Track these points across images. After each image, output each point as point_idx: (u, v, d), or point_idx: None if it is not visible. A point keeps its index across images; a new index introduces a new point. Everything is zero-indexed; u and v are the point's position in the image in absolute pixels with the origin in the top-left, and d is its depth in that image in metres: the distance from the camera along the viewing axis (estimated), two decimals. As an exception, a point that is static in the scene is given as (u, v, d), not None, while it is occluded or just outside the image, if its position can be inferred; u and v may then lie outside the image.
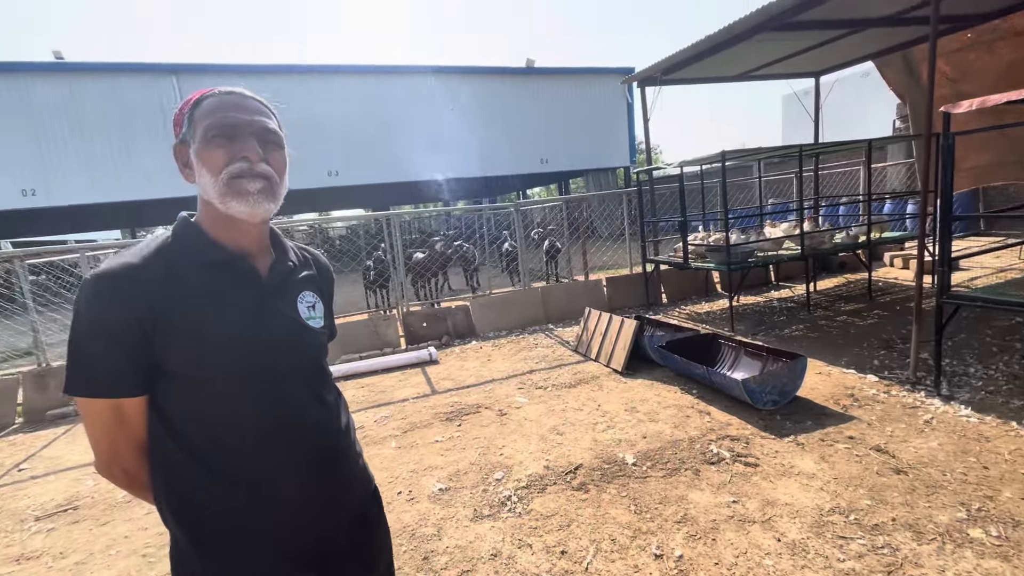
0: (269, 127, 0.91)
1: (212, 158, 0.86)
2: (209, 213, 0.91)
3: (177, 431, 0.85)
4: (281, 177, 0.93)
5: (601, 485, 2.66)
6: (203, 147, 0.87)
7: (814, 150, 5.94)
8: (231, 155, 0.86)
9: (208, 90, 0.91)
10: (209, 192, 0.87)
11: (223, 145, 0.86)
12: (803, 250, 5.46)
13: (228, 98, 0.89)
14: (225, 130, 0.86)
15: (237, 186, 0.86)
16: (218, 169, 0.86)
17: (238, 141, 0.87)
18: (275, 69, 14.87)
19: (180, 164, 0.92)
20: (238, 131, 0.87)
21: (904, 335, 4.51)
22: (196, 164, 0.88)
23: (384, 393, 4.52)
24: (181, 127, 0.90)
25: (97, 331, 0.79)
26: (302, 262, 1.05)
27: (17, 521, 2.97)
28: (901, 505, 2.25)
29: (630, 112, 18.75)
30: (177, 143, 0.91)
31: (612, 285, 6.93)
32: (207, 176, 0.86)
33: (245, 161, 0.87)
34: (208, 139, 0.86)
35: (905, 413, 3.11)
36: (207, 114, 0.87)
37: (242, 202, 0.87)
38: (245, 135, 0.88)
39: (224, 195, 0.86)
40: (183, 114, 0.90)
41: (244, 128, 0.88)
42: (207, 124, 0.86)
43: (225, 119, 0.87)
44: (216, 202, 0.87)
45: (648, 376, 4.19)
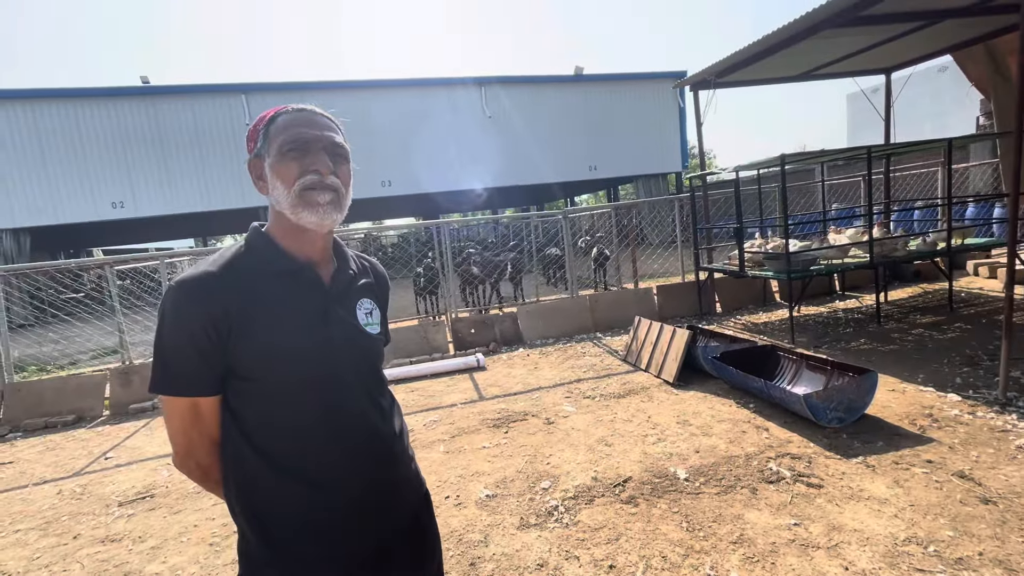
0: (337, 141, 0.96)
1: (286, 171, 0.91)
2: (280, 224, 0.96)
3: (246, 429, 0.90)
4: (347, 189, 0.98)
5: (651, 499, 2.58)
6: (278, 161, 0.91)
7: (884, 151, 5.56)
8: (303, 168, 0.91)
9: (281, 107, 0.97)
10: (282, 203, 0.92)
11: (296, 159, 0.91)
12: (872, 257, 5.11)
13: (300, 115, 0.95)
14: (298, 144, 0.91)
15: (308, 198, 0.91)
16: (291, 181, 0.91)
17: (310, 155, 0.92)
18: (333, 85, 15.64)
19: (254, 177, 0.97)
20: (310, 146, 0.92)
21: (991, 351, 4.11)
22: (270, 177, 0.93)
23: (433, 398, 4.61)
24: (255, 142, 0.96)
25: (178, 334, 0.86)
26: (361, 270, 1.09)
27: (103, 505, 3.24)
28: (989, 538, 2.05)
29: (682, 116, 18.31)
30: (252, 157, 0.96)
31: (663, 293, 6.75)
32: (281, 188, 0.91)
33: (316, 174, 0.91)
34: (283, 153, 0.91)
35: (993, 437, 2.83)
36: (281, 130, 0.93)
37: (313, 213, 0.91)
38: (316, 149, 0.93)
39: (296, 206, 0.91)
40: (258, 130, 0.96)
41: (315, 143, 0.93)
42: (282, 140, 0.91)
43: (299, 135, 0.91)
44: (288, 212, 0.92)
45: (701, 388, 4.04)
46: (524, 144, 16.65)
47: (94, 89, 14.05)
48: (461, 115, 16.26)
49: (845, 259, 5.52)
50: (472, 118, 16.36)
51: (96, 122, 13.94)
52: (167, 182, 14.62)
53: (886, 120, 6.93)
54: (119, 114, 14.09)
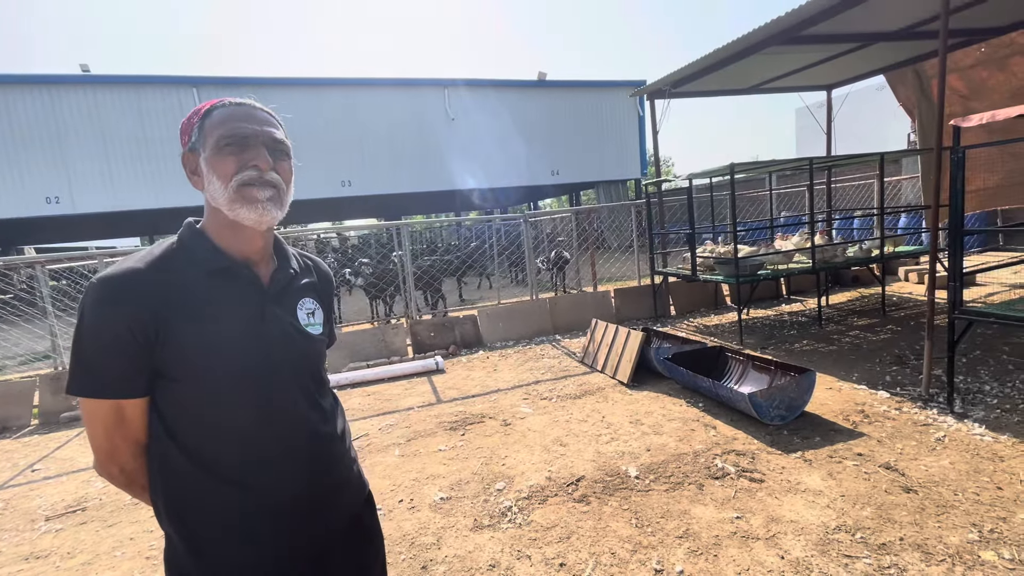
0: (277, 137, 0.94)
1: (223, 166, 0.89)
2: (216, 220, 0.93)
3: (176, 432, 0.87)
4: (288, 186, 0.96)
5: (603, 497, 2.64)
6: (214, 155, 0.89)
7: (826, 163, 5.90)
8: (241, 163, 0.89)
9: (217, 100, 0.94)
10: (218, 199, 0.90)
11: (234, 154, 0.89)
12: (814, 263, 5.40)
13: (239, 109, 0.92)
14: (236, 139, 0.89)
15: (247, 193, 0.89)
16: (228, 176, 0.88)
17: (249, 150, 0.90)
18: (291, 82, 15.20)
19: (188, 171, 0.94)
20: (248, 141, 0.90)
21: (918, 351, 4.43)
22: (206, 171, 0.90)
23: (390, 401, 4.54)
24: (190, 136, 0.93)
25: (100, 334, 0.82)
26: (303, 269, 1.07)
27: (28, 520, 3.02)
28: (910, 524, 2.20)
29: (641, 125, 18.80)
30: (186, 151, 0.93)
31: (620, 297, 6.91)
32: (217, 183, 0.89)
33: (255, 169, 0.90)
34: (219, 148, 0.89)
35: (916, 430, 3.05)
36: (218, 124, 0.90)
37: (251, 209, 0.89)
38: (255, 144, 0.91)
39: (233, 202, 0.89)
40: (192, 123, 0.92)
41: (254, 138, 0.91)
42: (219, 134, 0.89)
43: (236, 129, 0.89)
44: (225, 209, 0.90)
45: (654, 388, 4.16)
46: (486, 147, 16.68)
47: (27, 76, 13.12)
48: (423, 116, 16.12)
49: (790, 264, 5.82)
50: (435, 120, 16.26)
51: (28, 110, 13.01)
52: (109, 177, 13.79)
53: (827, 133, 7.36)
54: (55, 103, 13.19)
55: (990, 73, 5.71)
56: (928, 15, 4.76)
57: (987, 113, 2.81)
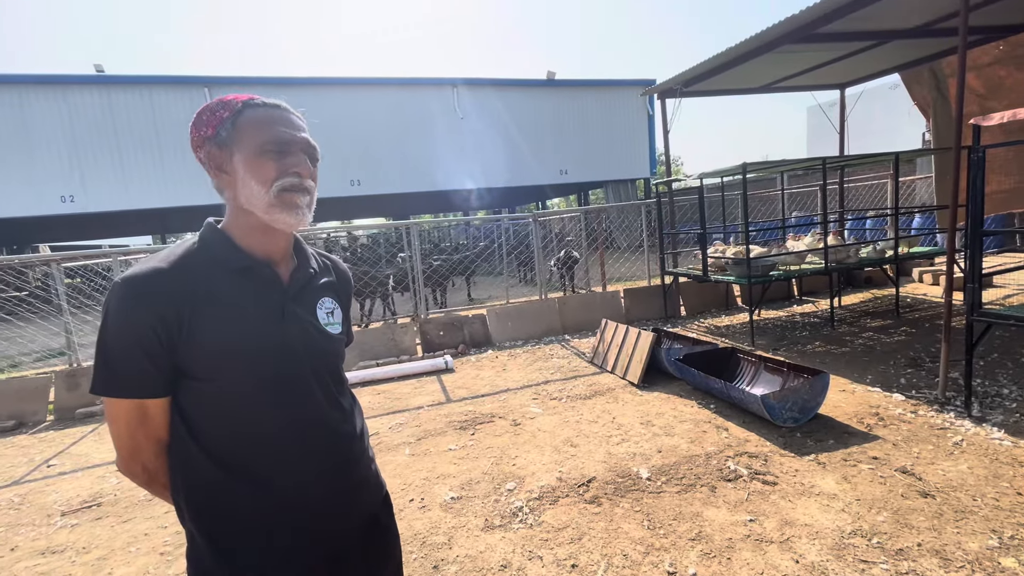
0: (312, 143, 0.96)
1: (264, 170, 0.89)
2: (242, 221, 0.93)
3: (198, 431, 0.87)
4: (315, 191, 0.98)
5: (614, 499, 2.62)
6: (256, 159, 0.89)
7: (839, 163, 5.83)
8: (282, 169, 0.90)
9: (248, 97, 0.93)
10: (254, 202, 0.89)
11: (275, 159, 0.89)
12: (827, 264, 5.34)
13: (277, 113, 0.92)
14: (280, 145, 0.90)
15: (287, 199, 0.90)
16: (269, 181, 0.89)
17: (289, 156, 0.91)
18: (302, 81, 15.31)
19: (213, 167, 0.91)
20: (290, 147, 0.91)
21: (933, 353, 4.36)
22: (243, 173, 0.89)
23: (399, 400, 4.55)
24: (215, 129, 0.90)
25: (124, 333, 0.82)
26: (322, 268, 1.07)
27: (44, 515, 3.06)
28: (927, 530, 2.17)
29: (651, 124, 18.72)
30: (212, 147, 0.91)
31: (630, 297, 6.88)
32: (256, 187, 0.89)
33: (296, 176, 0.91)
34: (263, 152, 0.89)
35: (933, 434, 3.00)
36: (259, 127, 0.89)
37: (291, 215, 0.90)
38: (296, 151, 0.92)
39: (273, 207, 0.89)
40: (220, 117, 0.90)
41: (295, 144, 0.92)
42: (263, 139, 0.89)
43: (281, 135, 0.90)
44: (261, 212, 0.90)
45: (665, 389, 4.13)
46: (495, 147, 16.68)
47: (42, 76, 13.31)
48: (432, 115, 16.16)
49: (802, 265, 5.76)
50: (444, 119, 16.28)
51: (44, 111, 13.20)
52: (122, 176, 13.97)
53: (840, 133, 7.27)
54: (70, 104, 13.38)
55: (1008, 72, 5.60)
56: (946, 12, 4.69)
57: (1008, 112, 2.76)
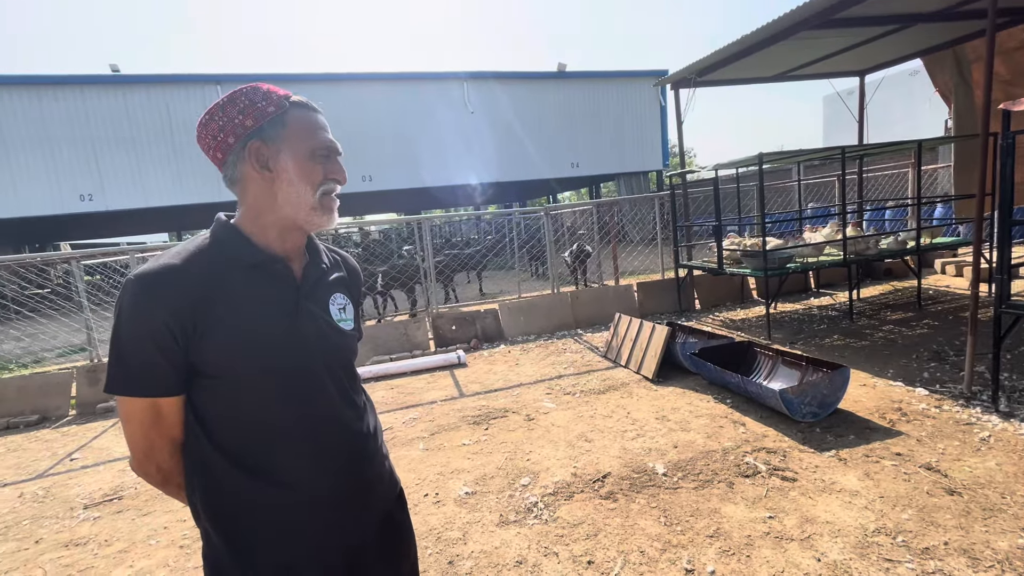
0: (340, 150, 0.97)
1: (314, 174, 0.91)
2: (263, 218, 0.91)
3: (212, 430, 0.86)
4: None
5: (630, 495, 2.60)
6: (309, 161, 0.90)
7: (858, 152, 5.69)
8: (328, 174, 0.92)
9: (288, 93, 0.92)
10: (297, 202, 0.90)
11: (323, 164, 0.92)
12: (846, 255, 5.23)
13: (320, 118, 0.94)
14: (329, 151, 0.93)
15: (328, 203, 0.93)
16: (316, 185, 0.91)
17: (332, 162, 0.94)
18: (314, 77, 15.36)
19: (254, 162, 0.88)
20: (333, 152, 0.94)
21: (957, 347, 4.25)
22: (293, 174, 0.89)
23: (413, 395, 4.56)
24: (257, 122, 0.87)
25: (137, 331, 0.81)
26: (333, 264, 1.06)
27: (67, 508, 3.12)
28: (954, 528, 2.11)
29: (663, 115, 18.47)
30: (256, 140, 0.87)
31: (643, 290, 6.81)
32: (304, 188, 0.90)
33: (336, 182, 0.94)
34: (315, 157, 0.91)
35: (959, 430, 2.92)
36: (311, 129, 0.91)
37: (329, 217, 0.94)
38: (336, 157, 0.95)
39: (315, 210, 0.91)
40: (265, 112, 0.87)
41: (335, 150, 0.95)
42: (316, 143, 0.91)
43: (329, 142, 0.93)
44: (301, 213, 0.90)
45: (680, 384, 4.08)
46: (506, 140, 16.60)
47: (59, 76, 13.52)
48: (443, 110, 16.12)
49: (820, 257, 5.64)
50: (454, 113, 16.24)
51: (62, 111, 13.42)
52: (139, 174, 14.17)
53: (859, 121, 7.09)
54: (87, 104, 13.59)
55: (1036, 55, 5.41)
56: (972, -6, 4.53)
57: (1040, 96, 2.65)
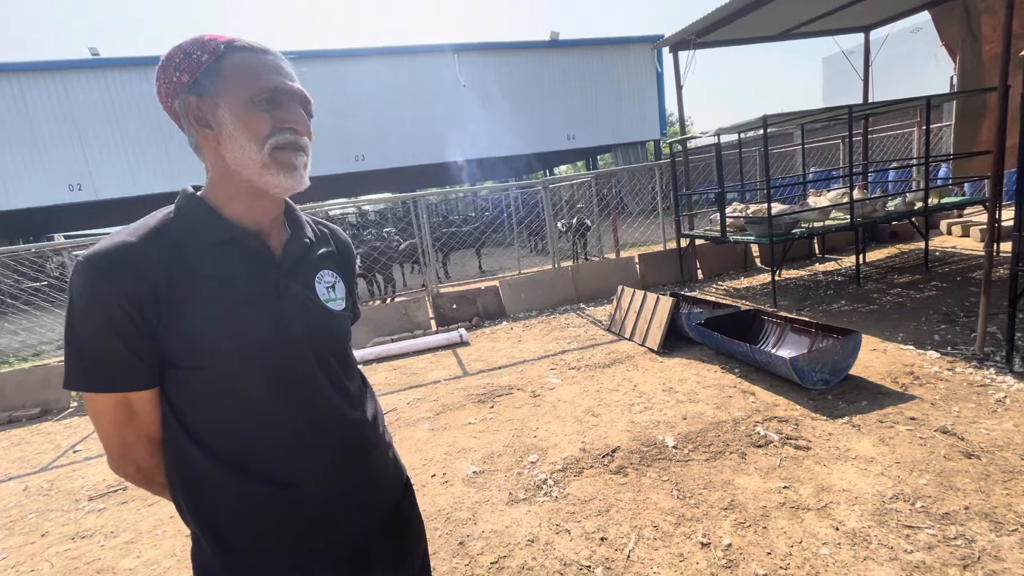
0: (308, 96, 0.83)
1: (256, 124, 0.76)
2: (228, 186, 0.80)
3: (190, 425, 0.78)
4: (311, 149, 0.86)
5: (640, 468, 2.55)
6: (247, 111, 0.76)
7: (865, 111, 5.51)
8: (276, 123, 0.78)
9: (231, 38, 0.79)
10: (244, 162, 0.77)
11: (267, 111, 0.77)
12: (853, 219, 5.11)
13: (267, 58, 0.79)
14: (274, 95, 0.77)
15: (283, 159, 0.78)
16: (261, 137, 0.77)
17: (283, 109, 0.78)
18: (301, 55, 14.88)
19: (192, 122, 0.78)
20: (285, 98, 0.79)
21: (968, 307, 4.18)
22: (232, 128, 0.76)
23: (416, 375, 4.52)
24: (192, 75, 0.76)
25: (94, 320, 0.71)
26: (320, 238, 0.95)
27: (72, 500, 3.09)
28: (974, 492, 2.07)
29: (660, 83, 18.02)
30: (191, 95, 0.77)
31: (645, 262, 6.71)
32: (248, 144, 0.76)
33: (292, 132, 0.79)
34: (254, 103, 0.76)
35: (973, 392, 2.87)
36: (248, 73, 0.77)
37: (288, 177, 0.79)
38: (291, 102, 0.79)
39: (266, 167, 0.77)
40: (199, 62, 0.76)
41: (290, 95, 0.79)
42: (255, 87, 0.76)
43: (278, 84, 0.78)
44: (252, 174, 0.78)
45: (686, 355, 4.02)
46: (500, 113, 16.22)
47: (39, 63, 13.11)
48: (435, 84, 15.70)
49: (826, 221, 5.53)
50: (446, 88, 15.83)
51: (44, 99, 13.06)
52: (128, 162, 13.86)
53: (864, 80, 6.87)
54: (69, 90, 13.20)
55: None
56: (986, -63, 4.29)
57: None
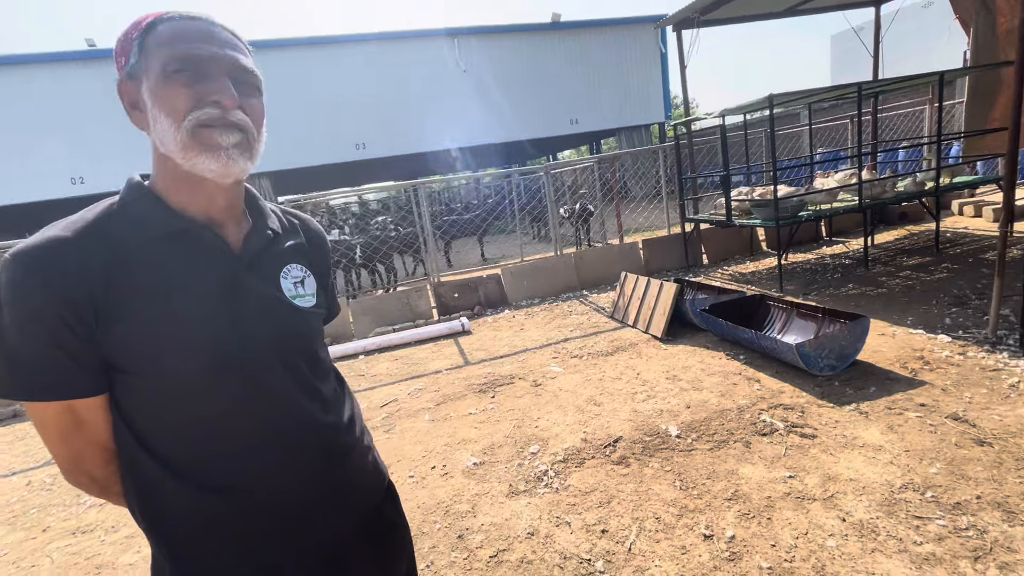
0: (244, 64, 0.74)
1: (172, 99, 0.69)
2: (167, 172, 0.74)
3: (141, 433, 0.72)
4: (259, 130, 0.77)
5: (643, 459, 2.51)
6: (161, 85, 0.69)
7: (875, 88, 5.34)
8: (197, 97, 0.70)
9: (162, 12, 0.73)
10: (168, 143, 0.71)
11: (187, 84, 0.69)
12: (861, 200, 4.98)
13: (192, 24, 0.71)
14: (190, 64, 0.69)
15: (206, 138, 0.70)
16: (180, 114, 0.69)
17: (207, 81, 0.70)
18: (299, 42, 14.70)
19: (127, 105, 0.74)
20: (207, 68, 0.70)
21: (980, 290, 4.07)
22: (150, 106, 0.71)
23: (417, 365, 4.48)
24: (127, 57, 0.72)
25: (26, 324, 0.65)
26: (287, 229, 0.89)
27: (74, 495, 3.09)
28: (987, 481, 2.00)
29: (664, 64, 17.69)
30: (123, 78, 0.73)
31: (649, 247, 6.61)
32: (165, 122, 0.70)
33: (216, 107, 0.70)
34: (168, 75, 0.69)
35: (985, 377, 2.79)
36: (166, 43, 0.70)
37: (213, 158, 0.71)
38: (216, 74, 0.71)
39: (188, 148, 0.70)
40: (129, 40, 0.72)
41: (214, 64, 0.71)
42: (167, 55, 0.69)
43: (191, 51, 0.69)
44: (178, 156, 0.71)
45: (690, 342, 3.96)
46: (502, 99, 16.00)
47: (35, 55, 13.02)
48: (434, 70, 15.47)
49: (834, 203, 5.40)
50: (446, 73, 15.60)
51: (44, 91, 12.99)
52: (129, 153, 13.71)
53: (875, 56, 6.66)
54: (68, 81, 13.12)
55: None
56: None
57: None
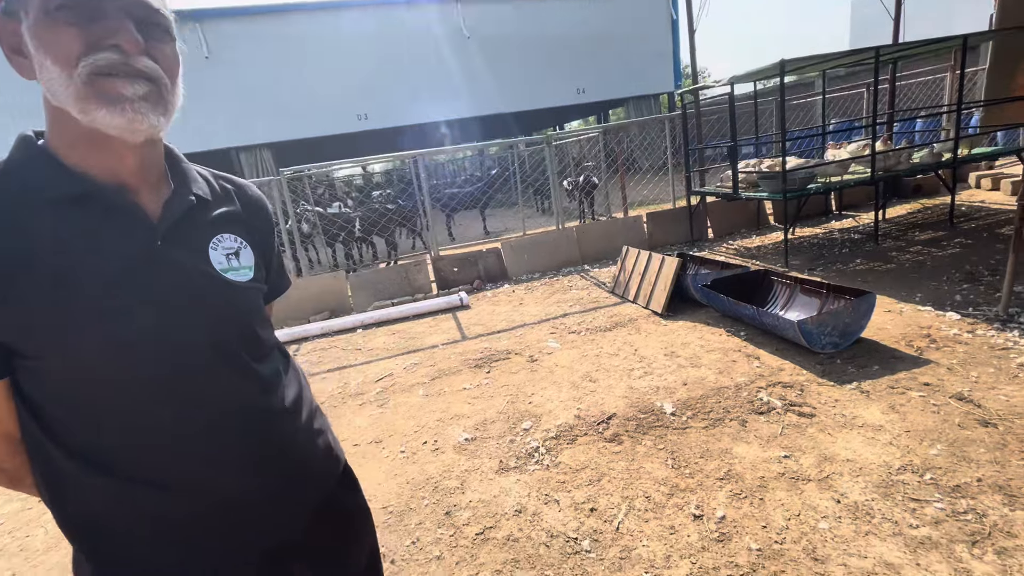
0: (150, 3, 0.63)
1: (58, 43, 0.59)
2: (63, 127, 0.64)
3: (49, 423, 0.66)
4: (173, 80, 0.67)
5: (636, 436, 2.47)
6: (43, 25, 0.59)
7: (893, 53, 5.08)
8: (91, 40, 0.59)
9: None
10: (59, 94, 0.60)
11: (77, 23, 0.59)
12: (874, 173, 4.80)
13: None
14: (79, 1, 0.58)
15: (105, 87, 0.60)
16: (70, 60, 0.59)
17: (101, 20, 0.60)
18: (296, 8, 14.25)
19: (6, 50, 0.63)
20: (102, 6, 0.60)
21: (993, 265, 3.94)
22: (34, 50, 0.60)
23: (414, 339, 4.45)
24: None
25: None
26: (218, 195, 0.79)
27: None
28: (989, 463, 1.94)
29: (675, 31, 17.04)
30: (1, 18, 0.62)
31: (653, 221, 6.47)
32: (54, 71, 0.59)
33: (116, 51, 0.60)
34: (49, 12, 0.58)
35: (993, 356, 2.70)
36: None
37: (116, 112, 0.61)
38: (113, 12, 0.60)
39: (84, 99, 0.60)
40: None
41: (110, 1, 0.60)
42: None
43: None
44: (74, 110, 0.61)
45: (691, 318, 3.88)
46: (507, 66, 15.55)
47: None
48: (436, 37, 15.00)
49: (845, 176, 5.22)
50: (448, 40, 15.13)
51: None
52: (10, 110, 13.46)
53: (896, 19, 6.34)
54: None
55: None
56: None
57: None
